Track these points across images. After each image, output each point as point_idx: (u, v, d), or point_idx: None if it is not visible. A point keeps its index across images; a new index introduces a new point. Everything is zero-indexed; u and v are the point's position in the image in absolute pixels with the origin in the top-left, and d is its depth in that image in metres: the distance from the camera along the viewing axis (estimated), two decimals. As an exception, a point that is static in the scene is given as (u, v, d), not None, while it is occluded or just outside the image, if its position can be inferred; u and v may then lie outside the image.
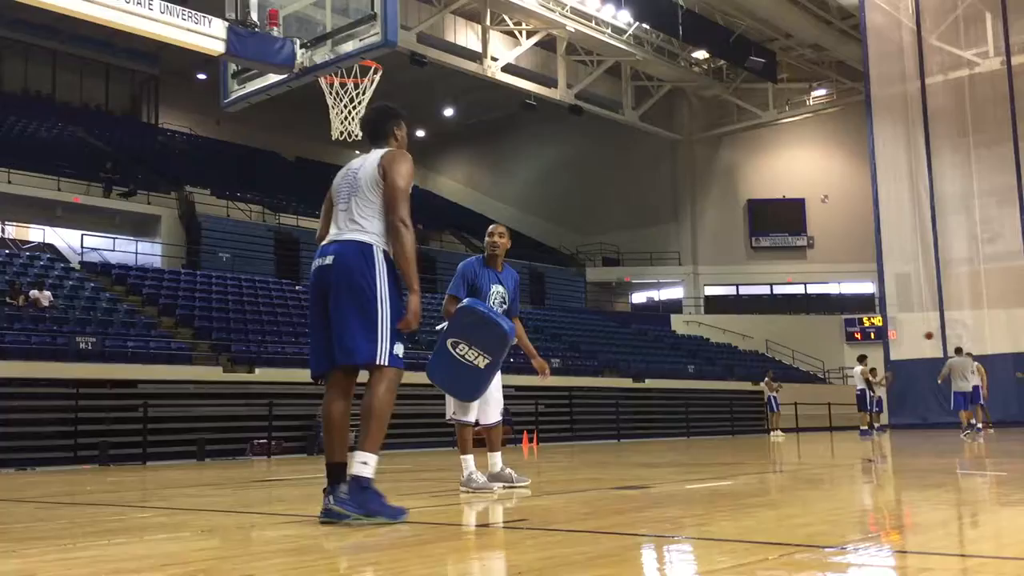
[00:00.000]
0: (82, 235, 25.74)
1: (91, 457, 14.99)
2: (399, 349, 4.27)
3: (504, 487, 6.30)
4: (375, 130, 4.64)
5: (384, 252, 4.30)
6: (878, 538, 3.70)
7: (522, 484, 6.40)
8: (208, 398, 17.74)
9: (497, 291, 6.35)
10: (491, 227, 6.55)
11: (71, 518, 5.44)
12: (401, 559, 3.32)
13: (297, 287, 26.48)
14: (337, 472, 4.33)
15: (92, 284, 21.57)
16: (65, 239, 26.85)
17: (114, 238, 26.49)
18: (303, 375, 20.25)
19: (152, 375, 17.14)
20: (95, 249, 25.71)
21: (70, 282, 21.15)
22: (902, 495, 5.97)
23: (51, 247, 26.04)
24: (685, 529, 4.03)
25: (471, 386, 5.95)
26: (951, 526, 4.10)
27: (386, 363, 4.23)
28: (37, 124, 32.45)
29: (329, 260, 4.28)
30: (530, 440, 18.84)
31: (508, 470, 6.50)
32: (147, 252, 27.05)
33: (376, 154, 4.48)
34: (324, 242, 4.43)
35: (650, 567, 3.14)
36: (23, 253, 23.19)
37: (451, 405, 6.33)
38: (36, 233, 27.11)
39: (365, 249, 4.26)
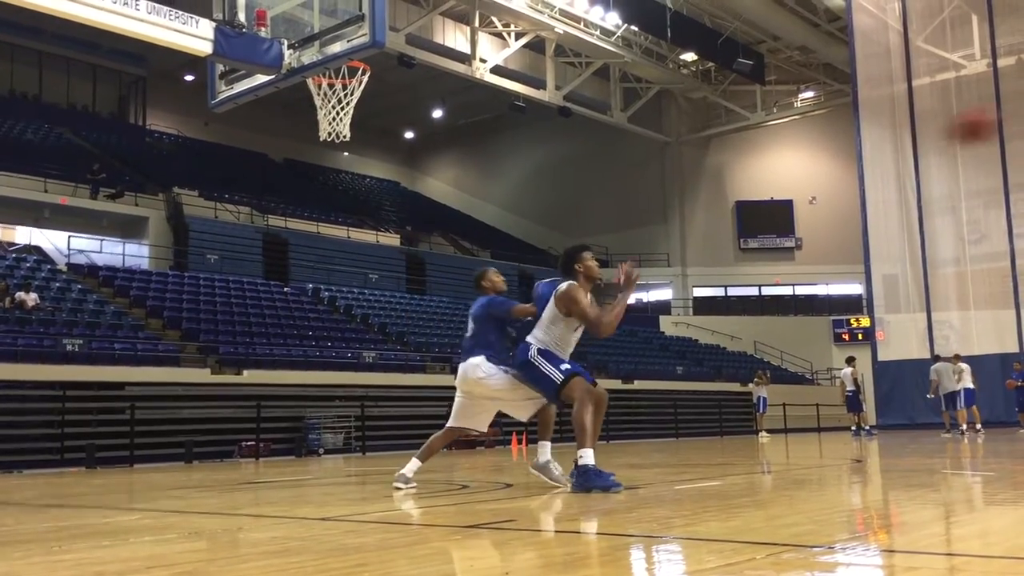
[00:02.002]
0: (69, 237, 25.61)
1: (78, 459, 14.91)
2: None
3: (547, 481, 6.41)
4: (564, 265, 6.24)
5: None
6: (865, 538, 3.71)
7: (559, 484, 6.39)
8: (196, 400, 17.67)
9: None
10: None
11: (57, 521, 5.42)
12: (389, 560, 3.31)
13: (285, 289, 26.41)
14: None
15: (79, 286, 21.46)
16: (52, 241, 26.71)
17: (101, 240, 26.36)
18: (291, 377, 20.31)
19: (139, 377, 17.06)
20: (82, 251, 25.58)
21: (57, 284, 21.04)
22: (889, 495, 5.99)
23: (38, 249, 25.89)
24: (673, 529, 4.03)
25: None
26: (937, 525, 4.12)
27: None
28: (23, 125, 32.27)
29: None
30: (519, 441, 18.83)
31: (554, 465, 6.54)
32: (134, 254, 26.91)
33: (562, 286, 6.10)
34: None
35: (638, 567, 3.14)
36: (9, 255, 23.06)
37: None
38: (23, 235, 26.96)
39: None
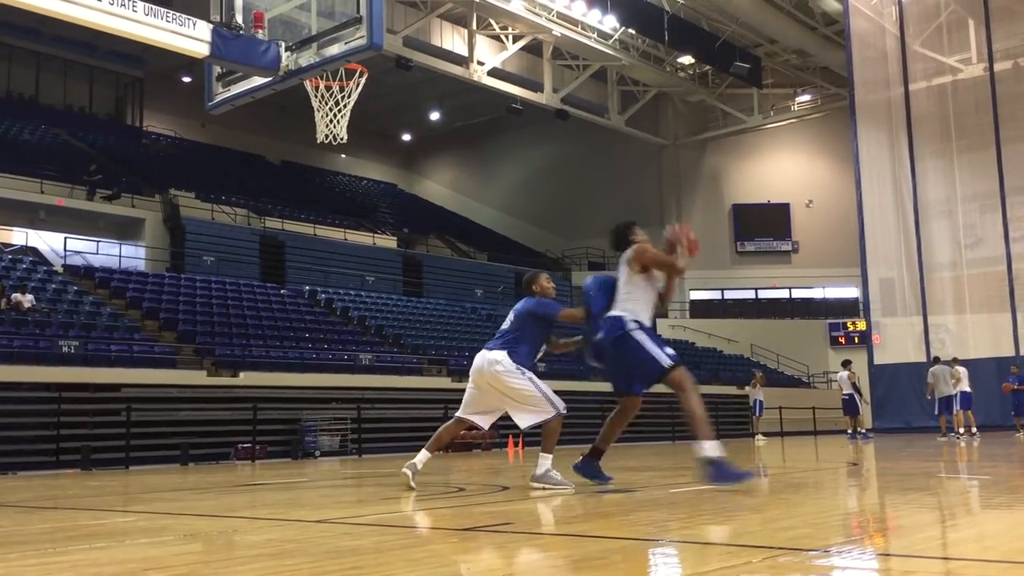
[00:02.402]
0: (65, 238, 25.56)
1: (73, 461, 14.87)
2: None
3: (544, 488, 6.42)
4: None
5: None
6: (861, 541, 3.71)
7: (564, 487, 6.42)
8: (192, 402, 17.64)
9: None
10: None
11: (52, 523, 5.40)
12: (385, 563, 3.30)
13: (282, 291, 26.38)
14: None
15: (75, 287, 21.43)
16: (48, 242, 26.65)
17: (98, 241, 26.32)
18: (288, 379, 20.28)
19: (135, 379, 17.03)
20: (78, 252, 25.53)
21: (53, 285, 21.00)
22: (885, 498, 6.00)
23: (34, 250, 25.83)
24: (669, 532, 4.03)
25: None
26: (934, 529, 4.12)
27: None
28: (20, 126, 32.23)
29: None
30: (516, 444, 18.82)
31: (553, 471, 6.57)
32: (131, 255, 26.86)
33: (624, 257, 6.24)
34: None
35: (635, 571, 3.13)
36: (5, 256, 22.99)
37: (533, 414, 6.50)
38: (19, 236, 26.88)
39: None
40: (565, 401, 6.66)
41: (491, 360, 6.53)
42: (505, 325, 6.80)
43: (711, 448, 5.75)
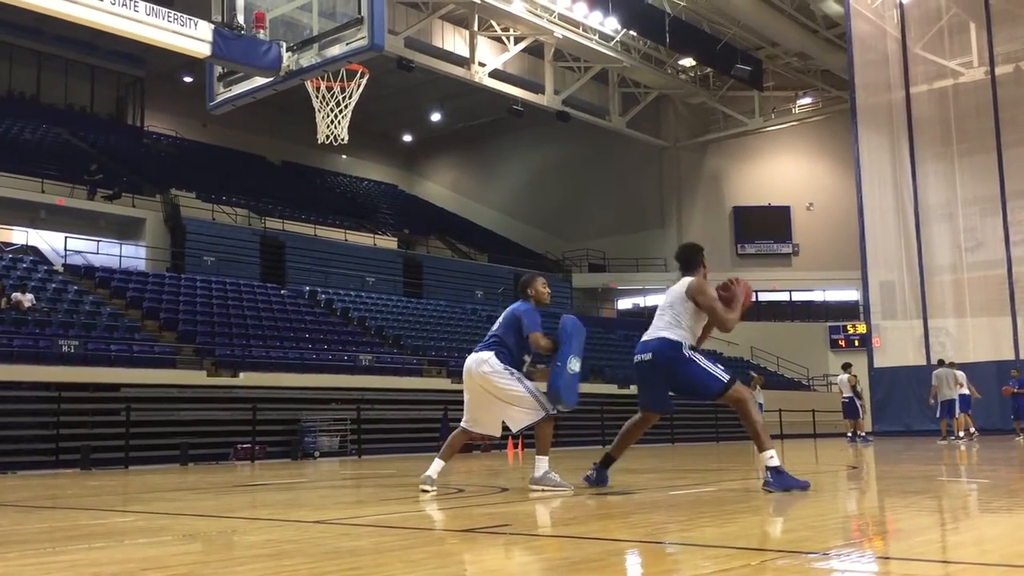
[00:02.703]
0: (66, 237, 25.57)
1: (73, 461, 14.88)
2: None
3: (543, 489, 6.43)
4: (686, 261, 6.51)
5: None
6: (860, 544, 3.71)
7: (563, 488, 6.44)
8: (192, 402, 17.65)
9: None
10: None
11: (51, 522, 5.40)
12: (384, 564, 3.30)
13: (282, 291, 26.38)
14: None
15: (75, 287, 21.43)
16: (48, 241, 26.66)
17: (98, 241, 26.32)
18: (287, 379, 20.28)
19: (135, 379, 17.03)
20: (79, 252, 25.54)
21: (53, 285, 21.01)
22: (884, 501, 5.99)
23: (34, 249, 25.84)
24: (668, 535, 4.03)
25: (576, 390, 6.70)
26: (933, 532, 4.12)
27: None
28: (21, 125, 32.24)
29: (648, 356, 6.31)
30: (515, 446, 18.82)
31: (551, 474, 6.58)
32: (131, 255, 26.87)
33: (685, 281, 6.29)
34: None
35: (633, 572, 3.13)
36: (6, 255, 23.00)
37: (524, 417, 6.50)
38: (19, 235, 26.90)
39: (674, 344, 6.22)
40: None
41: (479, 360, 6.50)
42: (495, 327, 6.76)
43: (774, 457, 6.09)
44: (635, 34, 33.66)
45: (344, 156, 44.12)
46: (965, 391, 19.25)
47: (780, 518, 4.80)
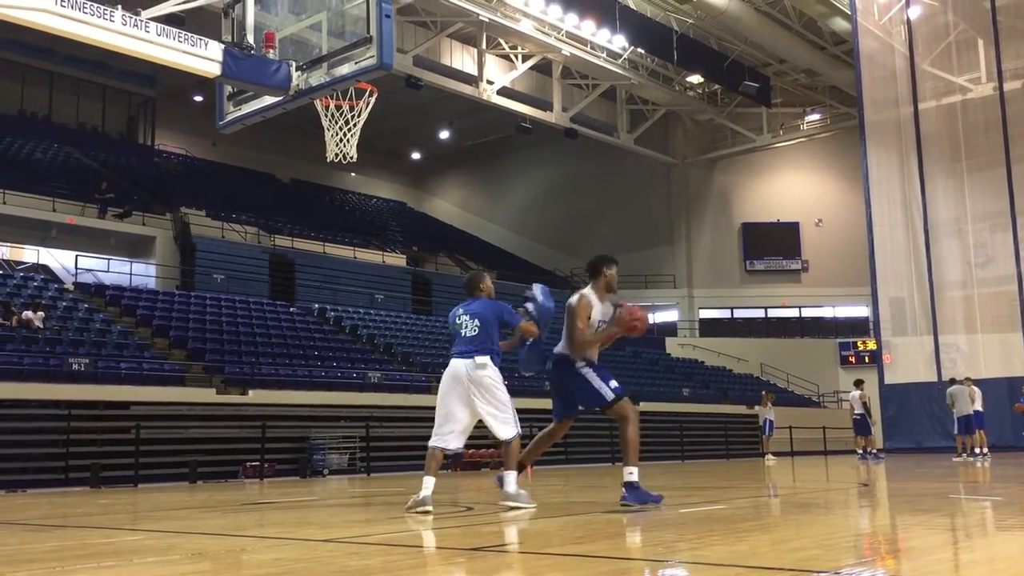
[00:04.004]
0: (76, 256, 25.68)
1: (82, 479, 14.88)
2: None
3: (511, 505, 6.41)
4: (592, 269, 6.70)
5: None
6: (872, 563, 3.69)
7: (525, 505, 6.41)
8: (201, 420, 17.65)
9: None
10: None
11: (61, 541, 5.40)
12: (392, 583, 3.29)
13: (291, 309, 26.43)
14: None
15: (86, 305, 21.51)
16: (59, 260, 26.78)
17: (109, 259, 26.43)
18: (296, 397, 20.24)
19: (145, 397, 17.05)
20: (89, 270, 25.64)
21: (64, 303, 21.09)
22: (896, 519, 5.95)
23: (45, 268, 25.95)
24: (678, 553, 4.01)
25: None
26: (946, 551, 4.09)
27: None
28: (33, 145, 32.46)
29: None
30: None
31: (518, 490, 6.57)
32: (141, 273, 26.97)
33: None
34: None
35: (643, 592, 3.11)
36: (17, 274, 23.12)
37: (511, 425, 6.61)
38: (30, 254, 27.03)
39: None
40: (540, 418, 6.95)
41: (477, 364, 6.37)
42: (471, 332, 6.50)
43: (636, 473, 6.29)
44: (643, 51, 33.75)
45: (353, 174, 44.26)
46: (979, 407, 19.12)
47: (791, 536, 4.77)
